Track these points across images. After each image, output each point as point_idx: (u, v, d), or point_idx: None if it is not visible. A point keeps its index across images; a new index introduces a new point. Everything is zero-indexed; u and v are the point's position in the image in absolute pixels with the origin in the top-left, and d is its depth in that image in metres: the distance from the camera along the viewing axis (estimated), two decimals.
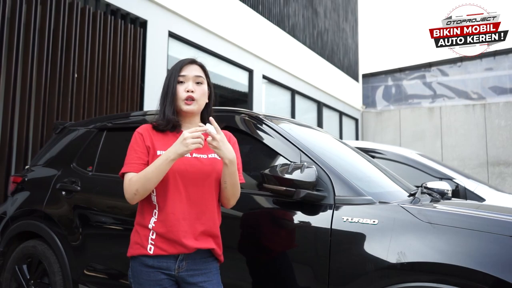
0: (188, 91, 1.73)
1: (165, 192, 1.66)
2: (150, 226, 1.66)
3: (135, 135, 1.75)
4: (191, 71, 1.76)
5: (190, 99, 1.73)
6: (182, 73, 1.76)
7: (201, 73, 1.79)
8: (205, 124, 1.79)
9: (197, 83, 1.76)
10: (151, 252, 1.63)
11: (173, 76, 1.76)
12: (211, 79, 1.88)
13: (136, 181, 1.63)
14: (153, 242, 1.64)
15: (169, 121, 1.74)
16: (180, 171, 1.66)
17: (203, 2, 6.97)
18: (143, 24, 5.87)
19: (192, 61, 1.80)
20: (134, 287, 1.69)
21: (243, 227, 2.08)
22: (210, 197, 1.71)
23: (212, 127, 1.70)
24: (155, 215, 1.67)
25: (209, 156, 1.73)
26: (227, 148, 1.63)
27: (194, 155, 1.71)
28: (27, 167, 3.41)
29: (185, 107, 1.74)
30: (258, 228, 2.08)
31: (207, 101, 1.82)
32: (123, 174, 1.70)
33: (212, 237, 1.71)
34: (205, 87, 1.79)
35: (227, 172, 1.67)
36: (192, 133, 1.56)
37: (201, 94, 1.76)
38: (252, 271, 2.02)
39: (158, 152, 1.69)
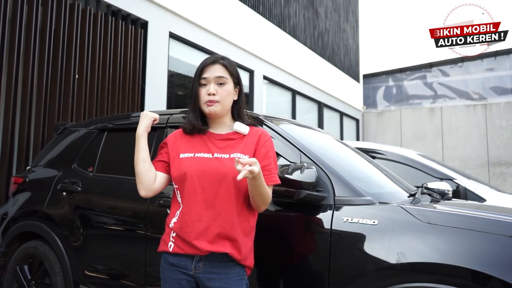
0: (209, 94, 1.68)
1: (183, 193, 1.67)
2: (170, 225, 1.69)
3: (164, 140, 1.84)
4: (212, 73, 1.70)
5: (212, 102, 1.69)
6: (204, 75, 1.71)
7: (224, 73, 1.71)
8: (235, 121, 1.78)
9: (220, 84, 1.70)
10: (171, 250, 1.66)
11: (195, 79, 1.73)
12: None
13: None
14: (173, 240, 1.67)
15: (194, 127, 1.73)
16: (198, 172, 1.64)
17: (203, 3, 6.98)
18: (143, 25, 5.88)
19: (214, 61, 1.73)
20: (161, 283, 1.73)
21: None
22: (227, 199, 1.63)
23: (241, 125, 1.66)
24: (176, 215, 1.69)
25: (231, 155, 1.65)
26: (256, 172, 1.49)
27: (216, 154, 1.67)
28: (28, 167, 3.41)
29: (207, 109, 1.70)
30: (258, 228, 2.08)
31: (234, 98, 1.76)
32: None
33: (229, 241, 1.62)
34: (229, 86, 1.72)
35: (251, 184, 1.58)
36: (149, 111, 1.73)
37: (225, 95, 1.70)
38: (252, 271, 2.02)
39: (181, 155, 1.70)
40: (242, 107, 1.80)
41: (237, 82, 1.77)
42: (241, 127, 1.66)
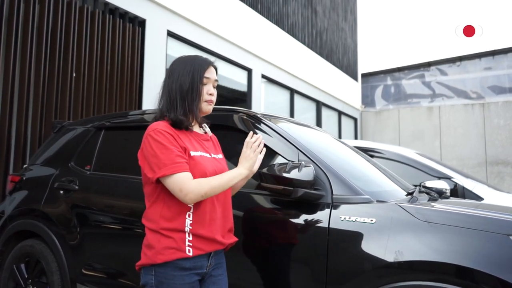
0: (211, 94, 1.77)
1: None
2: (186, 229, 1.61)
3: (165, 135, 1.62)
4: (212, 74, 1.78)
5: (210, 102, 1.78)
6: (207, 75, 1.75)
7: (216, 77, 1.84)
8: (200, 125, 1.84)
9: (214, 87, 1.81)
10: (191, 254, 1.60)
11: (199, 75, 1.73)
12: None
13: (205, 184, 1.58)
14: (191, 244, 1.61)
15: (195, 118, 1.75)
16: (213, 172, 1.69)
17: (201, 1, 6.96)
18: (141, 23, 5.86)
19: (213, 64, 1.82)
20: None
21: (241, 226, 2.07)
22: (229, 196, 1.81)
23: (207, 127, 1.76)
24: (189, 217, 1.63)
25: (218, 156, 1.81)
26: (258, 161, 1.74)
27: (213, 155, 1.77)
28: (25, 166, 3.40)
29: (207, 108, 1.76)
30: (256, 227, 2.08)
31: None
32: (164, 176, 1.58)
33: (231, 232, 1.81)
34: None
35: (242, 180, 1.79)
36: (252, 147, 1.73)
37: (215, 98, 1.82)
38: (250, 270, 2.02)
39: (192, 153, 1.65)
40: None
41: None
42: (208, 129, 1.81)
